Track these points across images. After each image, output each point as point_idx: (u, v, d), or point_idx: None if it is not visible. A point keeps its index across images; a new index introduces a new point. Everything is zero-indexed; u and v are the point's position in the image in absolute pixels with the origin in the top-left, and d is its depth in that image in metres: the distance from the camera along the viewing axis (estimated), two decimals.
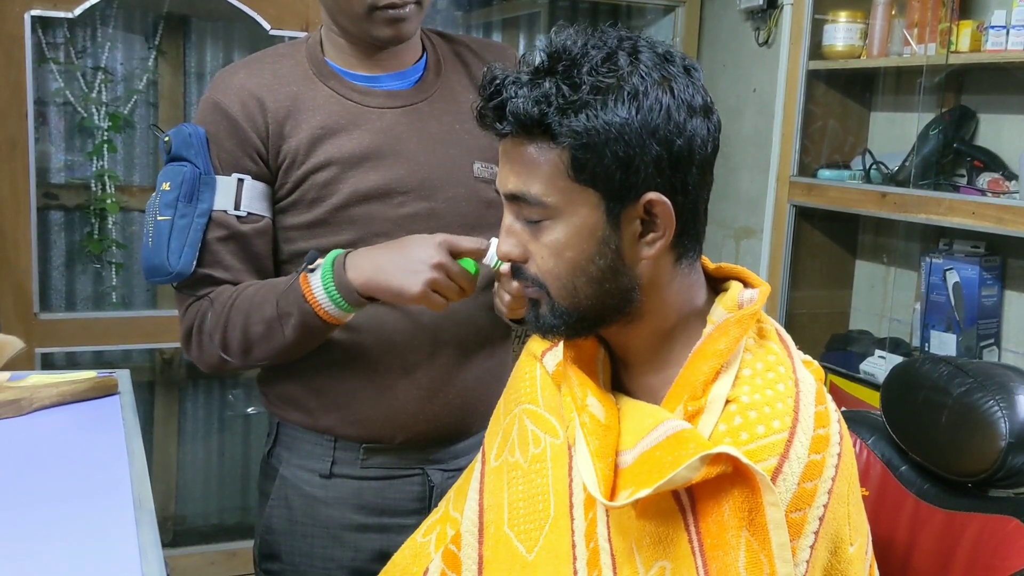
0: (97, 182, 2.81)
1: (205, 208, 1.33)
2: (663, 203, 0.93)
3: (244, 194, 1.34)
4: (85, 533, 1.19)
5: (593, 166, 0.91)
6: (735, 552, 0.88)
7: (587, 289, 0.96)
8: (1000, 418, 1.11)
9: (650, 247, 0.95)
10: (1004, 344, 2.47)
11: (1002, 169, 2.40)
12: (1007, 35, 2.23)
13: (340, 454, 1.42)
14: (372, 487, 1.43)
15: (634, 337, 1.02)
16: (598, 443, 0.96)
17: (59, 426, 1.53)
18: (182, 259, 1.32)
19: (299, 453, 1.45)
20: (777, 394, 0.93)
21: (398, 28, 1.32)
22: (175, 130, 1.34)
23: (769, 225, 2.92)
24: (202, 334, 1.35)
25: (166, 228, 1.31)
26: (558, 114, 0.91)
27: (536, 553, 1.04)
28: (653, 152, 0.91)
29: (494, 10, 3.30)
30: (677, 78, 0.93)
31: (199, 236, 1.33)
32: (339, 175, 1.34)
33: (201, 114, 1.36)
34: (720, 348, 0.95)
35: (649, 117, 0.91)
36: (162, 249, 1.31)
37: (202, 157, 1.32)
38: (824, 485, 0.92)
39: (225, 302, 1.33)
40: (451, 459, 1.46)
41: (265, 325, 1.30)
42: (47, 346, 2.66)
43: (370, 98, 1.38)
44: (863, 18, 2.70)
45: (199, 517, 3.16)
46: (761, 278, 1.04)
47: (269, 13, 2.72)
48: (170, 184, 1.31)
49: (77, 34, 2.76)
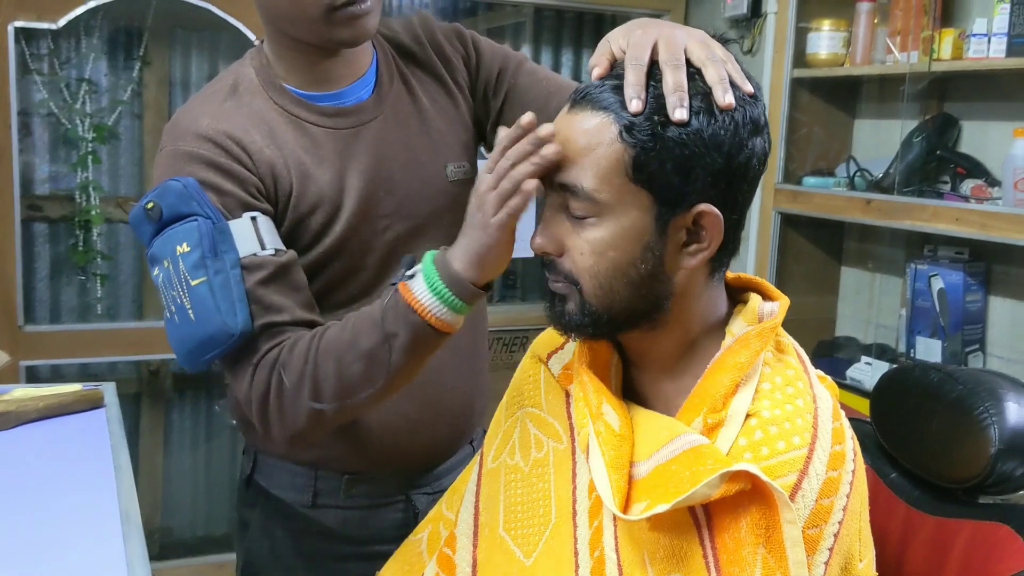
0: (81, 193, 2.79)
1: (234, 259, 1.15)
2: (715, 215, 0.93)
3: (262, 231, 1.18)
4: (72, 547, 1.18)
5: (654, 169, 0.91)
6: (751, 569, 0.87)
7: (623, 292, 0.95)
8: (990, 424, 1.11)
9: (692, 257, 0.95)
10: (989, 349, 2.48)
11: (985, 176, 2.42)
12: (988, 43, 2.25)
13: (322, 484, 1.36)
14: (355, 516, 1.38)
15: (656, 344, 1.01)
16: (613, 454, 0.95)
17: (45, 440, 1.52)
18: (239, 316, 1.13)
19: (279, 483, 1.39)
20: (797, 409, 0.93)
21: (360, 25, 1.20)
22: (157, 191, 1.16)
23: (755, 232, 2.93)
24: (283, 397, 1.14)
25: (206, 291, 1.13)
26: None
27: (535, 558, 1.03)
28: (715, 165, 0.92)
29: (479, 20, 3.31)
30: (746, 97, 0.94)
31: (243, 290, 1.14)
32: (331, 218, 1.25)
33: (175, 170, 1.18)
34: (740, 361, 0.94)
35: (719, 131, 0.91)
36: (212, 315, 1.13)
37: (207, 206, 1.15)
38: (840, 502, 0.91)
39: (305, 352, 1.14)
40: (434, 481, 1.42)
41: (365, 361, 1.11)
42: (32, 359, 2.64)
43: (340, 119, 1.28)
44: (846, 26, 2.72)
45: (185, 529, 3.14)
46: (780, 290, 1.04)
47: (254, 23, 2.71)
48: (188, 245, 1.13)
49: (61, 45, 2.75)
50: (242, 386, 1.18)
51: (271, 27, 1.26)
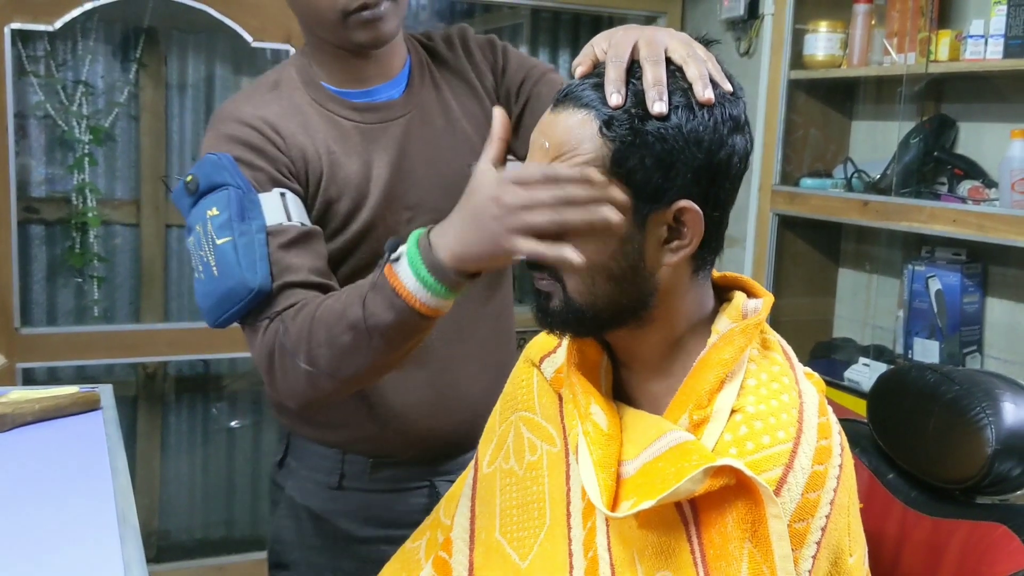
0: (78, 195, 2.79)
1: (260, 224, 1.22)
2: (695, 212, 0.93)
3: (290, 206, 1.26)
4: (69, 550, 1.18)
5: (633, 164, 0.92)
6: (738, 563, 0.88)
7: (605, 287, 0.95)
8: (986, 425, 1.11)
9: (673, 254, 0.95)
10: (986, 351, 2.48)
11: (982, 177, 2.42)
12: (985, 44, 2.25)
13: (348, 467, 1.43)
14: (380, 499, 1.43)
15: (642, 343, 1.01)
16: (601, 453, 0.96)
17: (41, 442, 1.52)
18: (259, 273, 1.19)
19: (308, 464, 1.45)
20: (782, 405, 0.94)
21: (377, 29, 1.28)
22: (196, 166, 1.26)
23: (752, 234, 2.93)
24: (284, 355, 1.19)
25: (230, 248, 1.19)
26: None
27: (530, 561, 1.03)
28: (695, 161, 0.92)
29: (476, 22, 3.31)
30: (727, 95, 0.94)
31: (266, 251, 1.21)
32: (358, 204, 1.32)
33: (214, 149, 1.28)
34: (725, 358, 0.95)
35: (698, 127, 0.92)
36: (233, 269, 1.19)
37: (239, 177, 1.24)
38: (826, 496, 0.92)
39: (308, 315, 1.18)
40: (458, 469, 1.44)
41: (352, 332, 1.13)
42: (28, 361, 2.64)
43: (369, 114, 1.36)
44: (843, 28, 2.72)
45: (183, 532, 3.14)
46: (764, 288, 1.05)
47: (251, 25, 2.71)
48: (217, 208, 1.21)
49: (58, 47, 2.74)
50: (254, 345, 1.22)
51: (305, 30, 1.36)
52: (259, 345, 1.21)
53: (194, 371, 3.12)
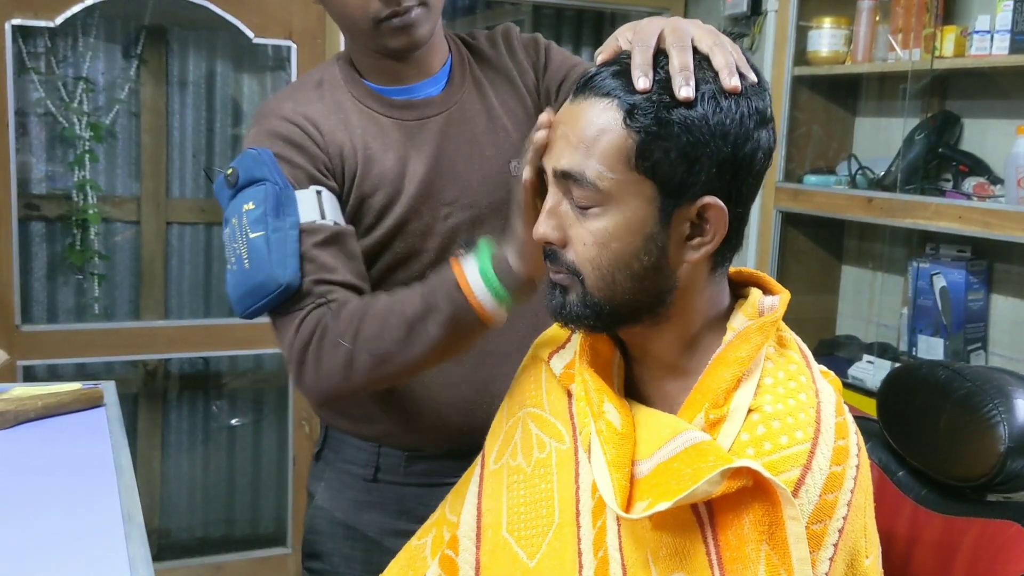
0: (79, 192, 2.78)
1: (294, 221, 1.25)
2: (719, 208, 0.92)
3: (325, 205, 1.28)
4: (73, 547, 1.17)
5: (658, 156, 0.90)
6: (755, 566, 0.86)
7: (625, 284, 0.94)
8: (999, 422, 1.10)
9: (695, 251, 0.94)
10: (991, 348, 2.48)
11: (987, 173, 2.41)
12: (991, 40, 2.24)
13: (384, 461, 1.44)
14: (414, 493, 1.44)
15: (657, 340, 1.00)
16: (615, 452, 0.94)
17: (45, 439, 1.51)
18: (288, 269, 1.22)
19: (344, 457, 1.47)
20: (799, 404, 0.92)
21: (409, 34, 1.29)
22: (237, 159, 1.28)
23: (755, 231, 2.93)
24: (323, 347, 1.21)
25: (262, 243, 1.22)
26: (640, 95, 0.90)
27: (538, 560, 1.02)
28: (720, 154, 0.90)
29: (478, 18, 3.30)
30: (753, 87, 0.93)
31: (297, 247, 1.23)
32: (392, 199, 1.33)
33: (256, 144, 1.30)
34: (741, 356, 0.94)
35: (724, 119, 0.90)
36: (264, 264, 1.22)
37: (277, 173, 1.26)
38: (844, 497, 0.91)
39: (355, 310, 1.21)
40: None
41: (406, 327, 1.17)
42: (29, 358, 2.64)
43: (408, 111, 1.37)
44: (847, 24, 2.72)
45: (184, 530, 3.13)
46: (780, 285, 1.03)
47: (252, 21, 2.70)
48: (253, 203, 1.24)
49: (58, 44, 2.74)
50: (286, 336, 1.24)
51: (345, 33, 1.38)
52: (294, 336, 1.23)
53: (194, 369, 3.11)
